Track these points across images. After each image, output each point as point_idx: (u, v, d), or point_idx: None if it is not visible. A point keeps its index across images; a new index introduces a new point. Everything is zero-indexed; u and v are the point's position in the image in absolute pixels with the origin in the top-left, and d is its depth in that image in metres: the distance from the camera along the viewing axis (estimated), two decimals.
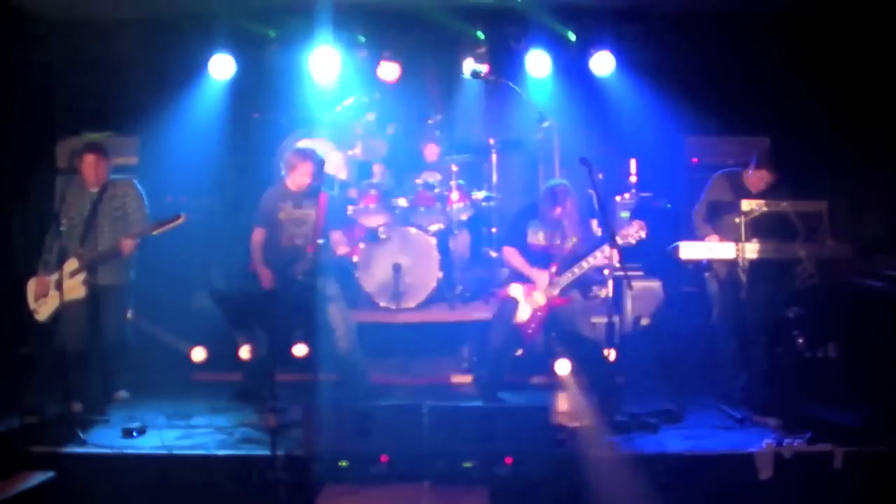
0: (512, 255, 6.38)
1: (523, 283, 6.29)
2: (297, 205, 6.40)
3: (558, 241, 6.32)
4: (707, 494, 5.05)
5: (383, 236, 7.26)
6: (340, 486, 4.93)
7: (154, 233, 6.09)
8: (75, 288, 6.10)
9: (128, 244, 6.14)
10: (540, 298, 6.19)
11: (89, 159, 6.23)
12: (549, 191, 6.33)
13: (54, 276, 6.13)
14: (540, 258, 6.30)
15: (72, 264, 6.08)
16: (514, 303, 6.27)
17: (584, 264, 6.12)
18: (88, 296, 6.17)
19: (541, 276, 6.20)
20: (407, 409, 5.23)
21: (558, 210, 6.26)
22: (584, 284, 6.88)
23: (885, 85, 7.27)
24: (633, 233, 6.05)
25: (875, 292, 6.19)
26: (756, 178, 6.30)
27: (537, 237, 6.35)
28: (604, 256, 6.03)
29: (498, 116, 8.43)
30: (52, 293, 6.15)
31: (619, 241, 5.92)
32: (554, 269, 6.21)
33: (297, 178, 6.41)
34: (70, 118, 7.70)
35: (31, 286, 6.26)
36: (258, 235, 6.47)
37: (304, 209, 6.38)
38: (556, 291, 6.20)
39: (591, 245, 6.24)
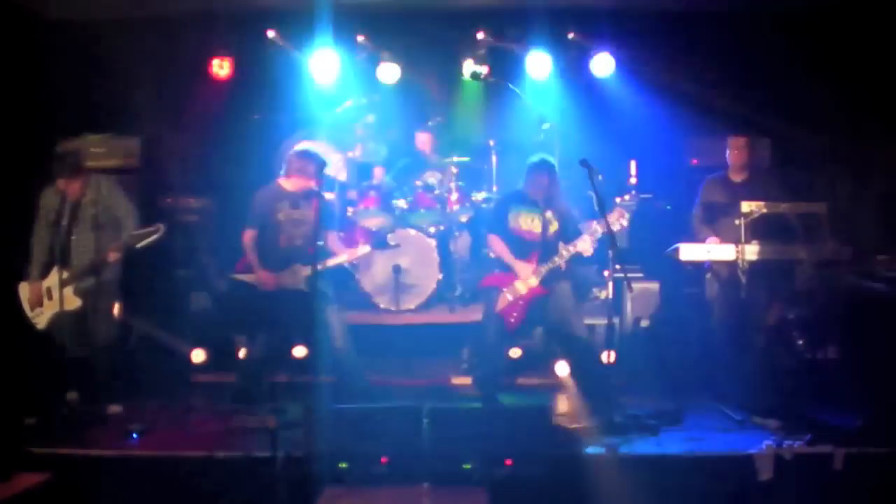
0: (495, 243, 6.27)
1: (506, 273, 6.21)
2: (294, 205, 6.31)
3: (539, 229, 6.21)
4: (707, 496, 5.05)
5: (392, 243, 7.24)
6: (340, 486, 4.92)
7: (137, 246, 6.04)
8: (70, 299, 6.08)
9: (113, 256, 6.11)
10: (521, 287, 6.11)
11: (66, 184, 6.16)
12: (532, 165, 6.26)
13: (45, 284, 6.13)
14: (521, 245, 6.20)
15: (62, 274, 6.04)
16: (497, 292, 6.19)
17: (564, 252, 6.03)
18: (84, 305, 6.16)
19: (523, 268, 6.12)
20: (406, 410, 5.22)
21: (543, 180, 6.16)
22: (582, 285, 6.87)
23: (885, 84, 7.28)
24: (615, 220, 5.94)
25: (875, 294, 6.18)
26: (732, 151, 6.34)
27: (518, 222, 6.24)
28: (584, 245, 5.96)
29: (498, 118, 8.43)
30: (46, 302, 6.14)
31: (599, 229, 5.87)
32: (535, 258, 6.13)
33: (298, 181, 6.32)
34: (70, 118, 7.70)
35: (24, 293, 6.23)
36: (249, 236, 6.34)
37: (301, 209, 6.31)
38: (536, 281, 6.10)
39: (573, 234, 6.14)
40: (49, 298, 6.12)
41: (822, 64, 7.54)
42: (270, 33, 8.08)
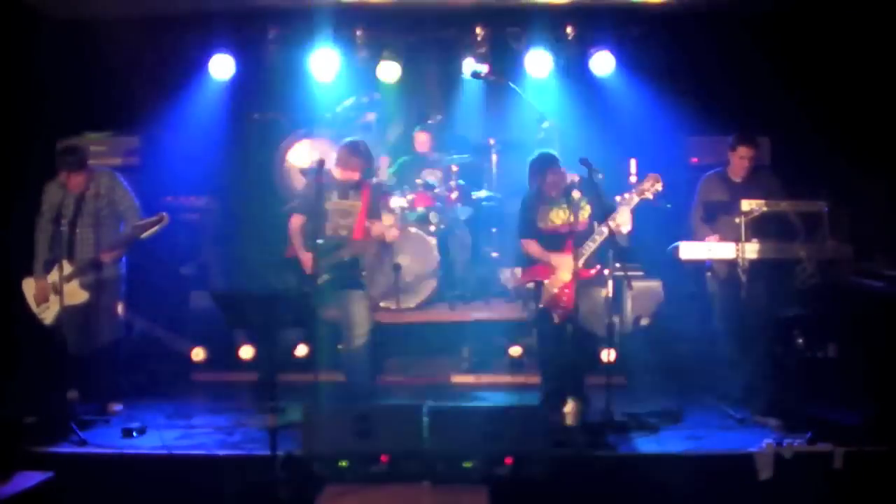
0: (529, 246, 6.08)
1: (545, 265, 6.00)
2: (343, 195, 6.19)
3: (571, 218, 5.97)
4: (707, 494, 5.05)
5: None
6: (340, 486, 4.92)
7: (142, 237, 6.01)
8: (75, 293, 6.08)
9: (107, 256, 6.10)
10: (565, 276, 5.87)
11: (69, 178, 6.13)
12: (534, 164, 6.05)
13: (50, 279, 6.12)
14: (558, 240, 5.98)
15: (66, 268, 6.04)
16: (540, 286, 5.98)
17: (604, 229, 5.74)
18: (89, 299, 6.15)
19: (560, 259, 5.90)
20: (407, 409, 5.22)
21: (552, 174, 5.95)
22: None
23: (885, 84, 7.27)
24: (649, 187, 5.75)
25: (875, 292, 6.19)
26: (738, 158, 6.31)
27: (548, 220, 6.04)
28: (622, 218, 5.72)
29: (498, 116, 8.43)
30: (52, 297, 6.13)
31: (635, 197, 5.73)
32: (570, 246, 5.88)
33: (346, 173, 6.17)
34: (70, 118, 7.70)
35: (30, 290, 6.23)
36: (297, 222, 6.17)
37: (350, 199, 6.18)
38: (579, 264, 5.83)
39: (608, 209, 5.83)
40: (55, 293, 6.11)
41: (822, 62, 7.54)
42: (271, 32, 8.09)
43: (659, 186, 5.76)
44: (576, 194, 5.98)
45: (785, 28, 7.65)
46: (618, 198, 5.86)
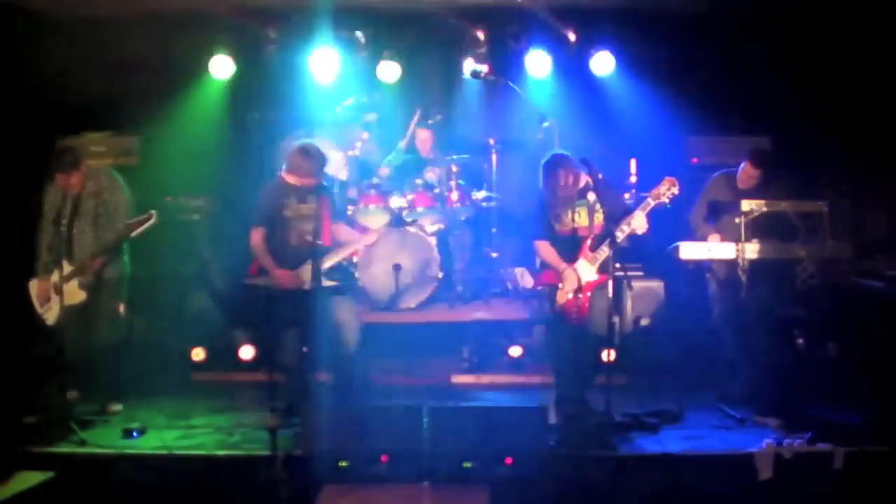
0: (544, 249, 5.94)
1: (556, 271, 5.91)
2: (301, 200, 6.07)
3: (586, 221, 5.85)
4: (707, 494, 5.05)
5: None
6: (340, 486, 4.93)
7: (131, 236, 5.96)
8: (74, 293, 6.08)
9: (92, 263, 6.06)
10: (580, 281, 5.77)
11: (65, 178, 6.12)
12: (548, 165, 5.86)
13: (52, 280, 6.13)
14: (574, 243, 5.87)
15: (66, 268, 6.05)
16: (554, 289, 5.89)
17: (619, 234, 5.63)
18: (88, 299, 6.15)
19: (569, 271, 5.78)
20: (407, 409, 5.22)
21: (566, 175, 5.78)
22: None
23: (884, 85, 7.27)
24: (666, 191, 5.70)
25: (875, 292, 6.19)
26: (744, 174, 6.32)
27: (563, 222, 5.90)
28: (638, 222, 5.64)
29: (498, 116, 8.43)
30: (54, 297, 6.13)
31: (651, 201, 5.68)
32: (589, 244, 5.80)
33: (301, 177, 6.09)
34: (70, 118, 7.70)
35: (34, 290, 6.24)
36: (258, 236, 6.05)
37: (309, 203, 6.05)
38: (594, 271, 5.77)
39: (622, 212, 5.76)
40: (56, 294, 6.11)
41: (822, 63, 7.54)
42: (271, 32, 8.08)
43: (675, 190, 5.73)
44: (591, 196, 5.88)
45: (785, 27, 7.64)
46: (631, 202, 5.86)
